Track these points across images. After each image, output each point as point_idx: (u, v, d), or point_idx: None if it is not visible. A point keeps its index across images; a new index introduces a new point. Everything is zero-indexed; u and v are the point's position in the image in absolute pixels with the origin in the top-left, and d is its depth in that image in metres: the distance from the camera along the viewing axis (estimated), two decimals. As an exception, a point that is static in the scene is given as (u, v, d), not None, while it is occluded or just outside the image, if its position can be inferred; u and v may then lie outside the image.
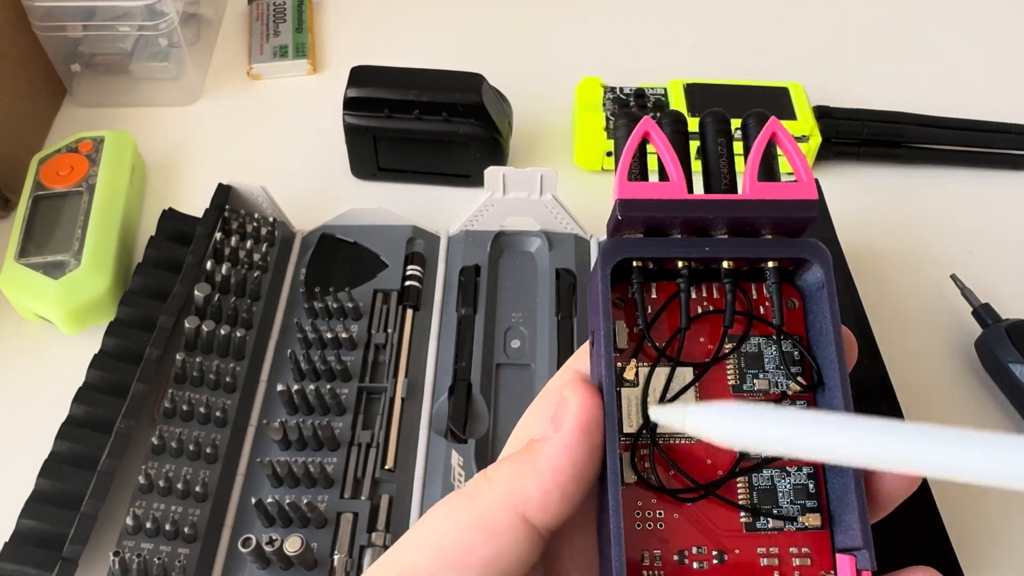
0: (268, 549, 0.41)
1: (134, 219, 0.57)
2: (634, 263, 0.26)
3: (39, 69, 0.63)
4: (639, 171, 0.26)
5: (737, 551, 0.25)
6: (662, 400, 0.26)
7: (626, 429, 0.25)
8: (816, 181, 0.26)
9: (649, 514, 0.25)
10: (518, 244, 0.55)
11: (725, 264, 0.26)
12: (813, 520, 0.25)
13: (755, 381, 0.26)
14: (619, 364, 0.26)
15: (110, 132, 0.57)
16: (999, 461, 0.17)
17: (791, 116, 0.59)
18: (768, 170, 0.26)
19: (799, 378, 0.26)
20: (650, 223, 0.25)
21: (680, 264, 0.26)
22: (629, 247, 0.25)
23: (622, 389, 0.26)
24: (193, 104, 0.66)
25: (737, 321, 0.27)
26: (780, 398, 0.26)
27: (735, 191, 0.26)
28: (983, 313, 0.51)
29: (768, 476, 0.26)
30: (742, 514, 0.25)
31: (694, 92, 0.61)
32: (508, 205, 0.53)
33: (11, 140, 0.59)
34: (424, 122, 0.56)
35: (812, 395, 0.26)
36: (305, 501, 0.43)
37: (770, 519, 0.25)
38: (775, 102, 0.60)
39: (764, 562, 0.25)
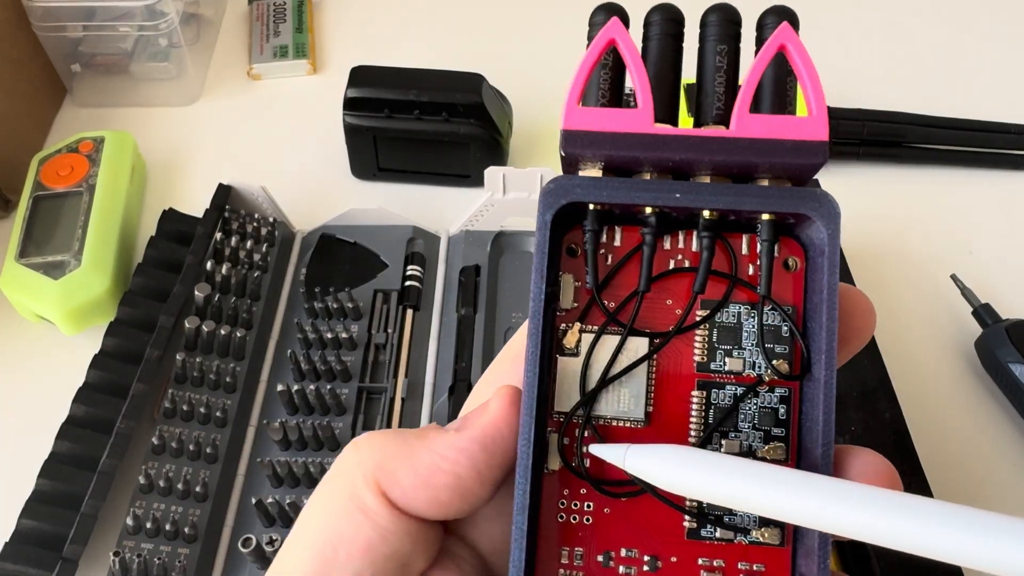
0: (268, 549, 0.41)
1: (134, 219, 0.57)
2: (589, 207, 0.21)
3: (39, 69, 0.62)
4: (609, 92, 0.22)
5: (674, 559, 0.21)
6: (606, 377, 0.22)
7: (560, 406, 0.22)
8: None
9: (576, 505, 0.22)
10: (518, 244, 0.55)
11: (705, 214, 0.21)
12: (771, 535, 0.21)
13: (727, 360, 0.22)
14: (562, 326, 0.22)
15: (110, 132, 0.57)
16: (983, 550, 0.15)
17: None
18: (776, 97, 0.21)
19: (782, 362, 0.22)
20: (608, 160, 0.21)
21: (647, 211, 0.21)
22: (577, 188, 0.21)
23: (560, 357, 0.22)
24: (193, 104, 0.66)
25: (717, 283, 0.22)
26: (755, 383, 0.22)
27: (727, 123, 0.21)
28: (983, 313, 0.51)
29: None
30: (686, 518, 0.21)
31: (693, 93, 0.61)
32: (508, 205, 0.53)
33: (11, 140, 0.59)
34: (424, 122, 0.56)
35: (798, 384, 0.22)
36: (305, 501, 0.43)
37: (718, 527, 0.21)
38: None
39: None
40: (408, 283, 0.52)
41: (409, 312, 0.51)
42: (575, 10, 0.79)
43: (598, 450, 0.21)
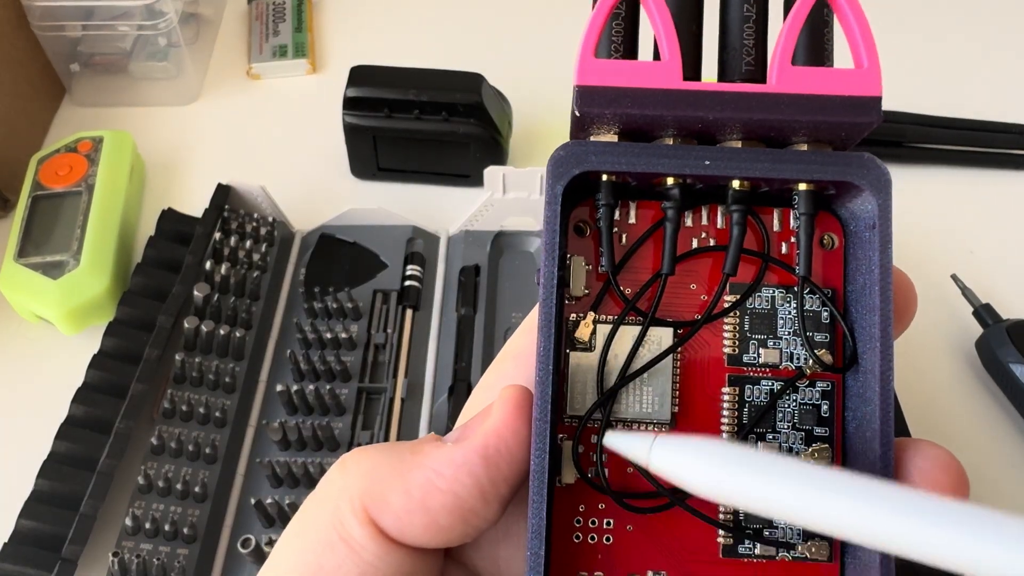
0: (267, 550, 0.41)
1: (133, 219, 0.57)
2: (603, 177, 0.19)
3: (38, 69, 0.62)
4: (623, 45, 0.19)
5: None
6: (626, 374, 0.19)
7: (574, 409, 0.19)
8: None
9: (593, 523, 0.19)
10: (518, 244, 0.55)
11: (735, 184, 0.18)
12: (818, 550, 0.19)
13: (761, 351, 0.19)
14: (572, 317, 0.19)
15: (109, 132, 0.57)
16: None
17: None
18: (813, 49, 0.18)
19: (824, 351, 0.19)
20: (628, 122, 0.18)
21: (669, 182, 0.18)
22: (592, 156, 0.18)
23: (571, 352, 0.19)
24: (192, 104, 0.66)
25: (747, 263, 0.19)
26: (794, 377, 0.19)
27: (761, 80, 0.18)
28: (984, 313, 0.51)
29: None
30: (720, 533, 0.19)
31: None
32: (508, 205, 0.53)
33: (10, 140, 0.59)
34: (424, 122, 0.56)
35: (841, 377, 0.19)
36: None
37: (758, 543, 0.19)
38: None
39: None
40: (408, 283, 0.52)
41: (409, 312, 0.51)
42: (575, 10, 0.79)
43: (615, 441, 0.18)
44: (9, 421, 0.49)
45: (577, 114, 0.18)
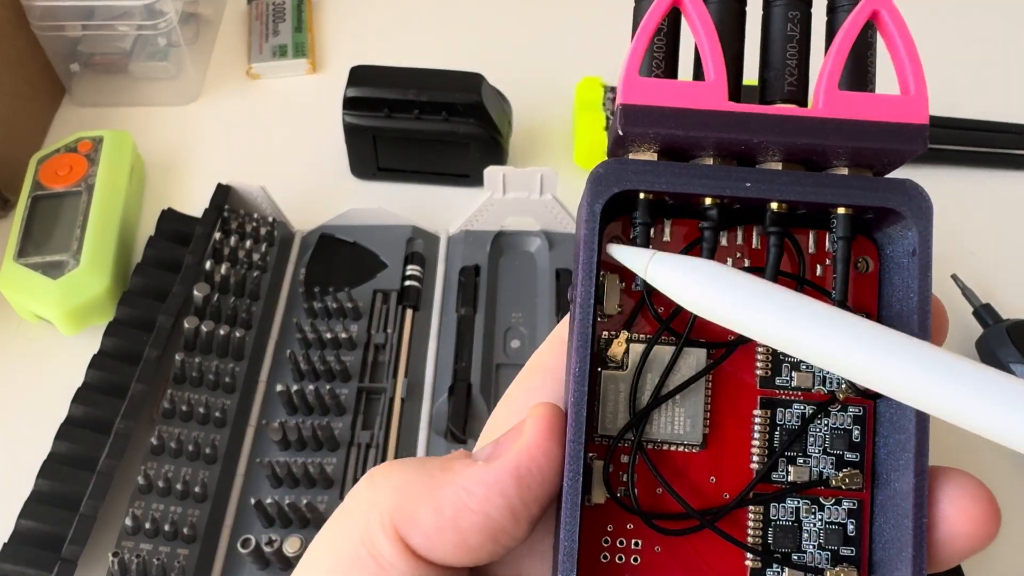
0: (267, 550, 0.41)
1: (133, 219, 0.57)
2: (640, 195, 0.18)
3: (38, 69, 0.62)
4: (664, 63, 0.19)
5: None
6: (657, 396, 0.19)
7: (605, 429, 0.19)
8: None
9: (622, 543, 0.19)
10: (518, 244, 0.55)
11: (773, 206, 0.18)
12: (847, 574, 0.19)
13: (794, 374, 0.19)
14: (605, 335, 0.19)
15: (109, 132, 0.57)
16: None
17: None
18: (856, 72, 0.18)
19: None
20: (669, 142, 0.18)
21: (707, 202, 0.18)
22: (632, 175, 0.18)
23: (603, 371, 0.19)
24: (192, 104, 0.66)
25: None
26: (827, 401, 0.19)
27: (803, 102, 0.18)
28: (984, 313, 0.51)
29: (793, 508, 0.19)
30: (749, 556, 0.19)
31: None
32: (508, 205, 0.53)
33: (10, 140, 0.59)
34: (424, 122, 0.56)
35: (873, 403, 0.20)
36: (305, 502, 0.43)
37: (786, 567, 0.19)
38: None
39: None
40: (408, 283, 0.52)
41: (409, 312, 0.51)
42: (575, 10, 0.80)
43: (618, 251, 0.18)
44: (9, 421, 0.49)
45: (620, 133, 0.18)
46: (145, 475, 0.43)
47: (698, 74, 0.18)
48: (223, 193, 0.53)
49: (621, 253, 0.18)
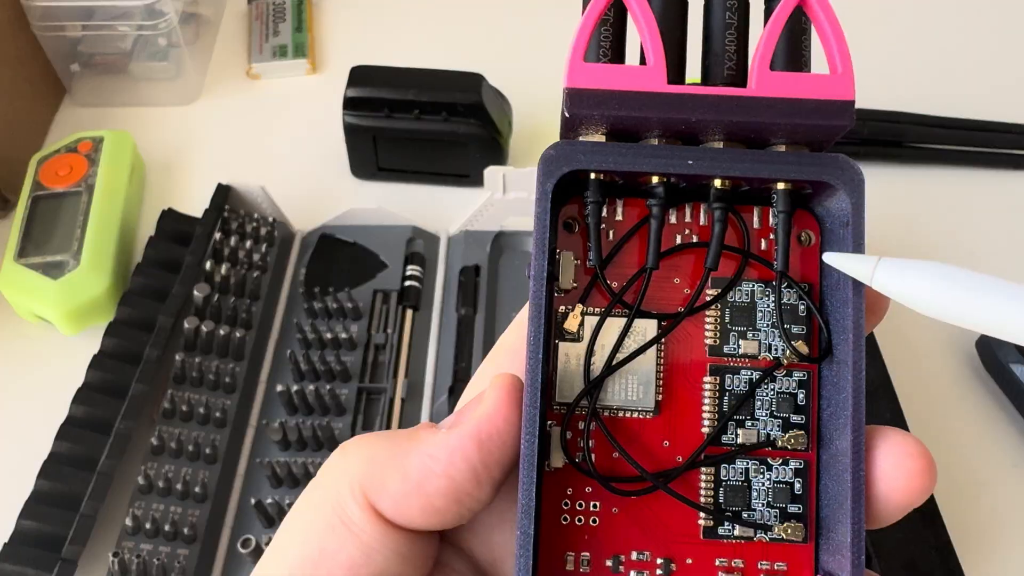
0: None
1: (133, 219, 0.57)
2: (591, 176, 0.19)
3: (38, 69, 0.62)
4: (611, 50, 0.20)
5: (689, 560, 0.20)
6: (610, 365, 0.20)
7: (562, 397, 0.20)
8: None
9: (581, 506, 0.20)
10: (518, 244, 0.55)
11: (717, 183, 0.19)
12: (794, 531, 0.20)
13: (741, 342, 0.20)
14: (561, 309, 0.20)
15: (109, 132, 0.57)
16: None
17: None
18: (791, 55, 0.19)
19: (801, 343, 0.20)
20: (615, 124, 0.19)
21: (654, 180, 0.19)
22: (580, 155, 0.19)
23: (560, 343, 0.20)
24: (192, 104, 0.66)
25: (728, 259, 0.20)
26: (772, 367, 0.20)
27: (742, 83, 0.19)
28: (984, 313, 0.51)
29: (742, 469, 0.20)
30: (701, 515, 0.20)
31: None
32: (508, 205, 0.53)
33: (10, 140, 0.59)
34: (424, 122, 0.56)
35: (816, 367, 0.21)
36: (305, 502, 0.43)
37: (737, 525, 0.20)
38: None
39: None
40: (408, 283, 0.52)
41: (409, 312, 0.51)
42: (575, 10, 0.79)
43: (836, 259, 0.19)
44: (9, 422, 0.49)
45: (567, 115, 0.19)
46: (145, 475, 0.43)
47: (643, 60, 0.19)
48: (223, 193, 0.53)
49: (841, 261, 0.19)
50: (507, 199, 0.53)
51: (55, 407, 0.45)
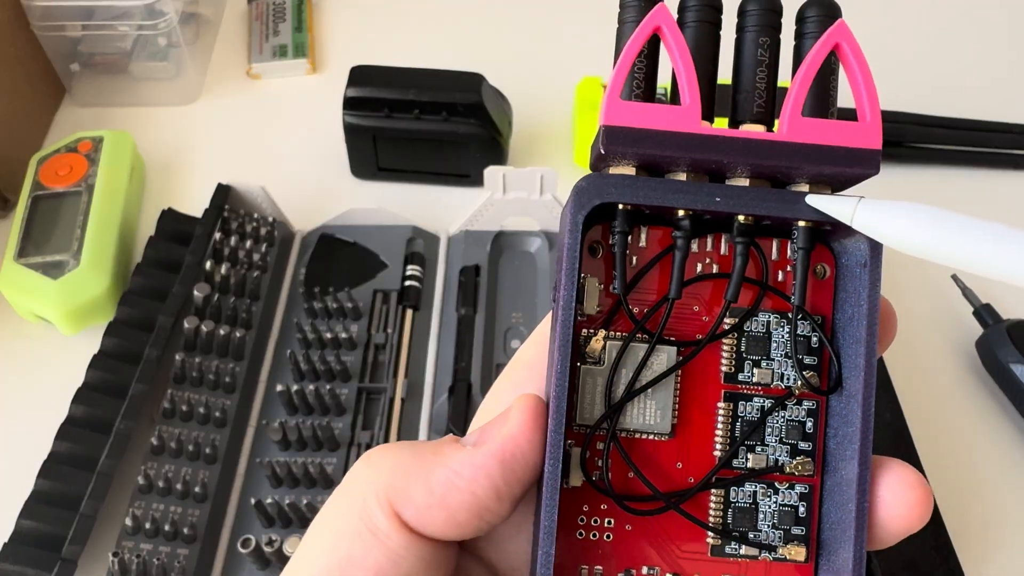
0: (268, 550, 0.41)
1: (133, 219, 0.57)
2: (619, 206, 0.20)
3: (38, 69, 0.62)
4: (644, 83, 0.20)
5: None
6: (629, 392, 0.21)
7: (583, 418, 0.21)
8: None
9: (596, 521, 0.21)
10: (518, 244, 0.55)
11: (740, 218, 0.20)
12: (796, 552, 0.21)
13: (755, 371, 0.21)
14: (584, 332, 0.21)
15: (109, 132, 0.57)
16: None
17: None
18: (820, 100, 0.20)
19: (812, 374, 0.21)
20: (646, 158, 0.20)
21: (680, 213, 0.20)
22: (612, 188, 0.20)
23: (582, 365, 0.21)
24: (192, 104, 0.66)
25: (746, 289, 0.21)
26: (784, 396, 0.21)
27: (770, 122, 0.20)
28: (984, 313, 0.51)
29: (751, 492, 0.21)
30: (709, 535, 0.21)
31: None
32: (508, 205, 0.53)
33: (10, 140, 0.59)
34: (424, 122, 0.56)
35: (825, 399, 0.21)
36: (305, 502, 0.43)
37: (743, 544, 0.21)
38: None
39: None
40: (408, 283, 0.52)
41: (409, 312, 0.51)
42: (575, 10, 0.80)
43: (819, 201, 0.19)
44: (9, 421, 0.49)
45: (602, 151, 0.19)
46: (145, 475, 0.43)
47: (675, 95, 0.20)
48: (223, 193, 0.53)
49: (823, 203, 0.19)
50: (507, 199, 0.53)
51: (55, 407, 0.45)
